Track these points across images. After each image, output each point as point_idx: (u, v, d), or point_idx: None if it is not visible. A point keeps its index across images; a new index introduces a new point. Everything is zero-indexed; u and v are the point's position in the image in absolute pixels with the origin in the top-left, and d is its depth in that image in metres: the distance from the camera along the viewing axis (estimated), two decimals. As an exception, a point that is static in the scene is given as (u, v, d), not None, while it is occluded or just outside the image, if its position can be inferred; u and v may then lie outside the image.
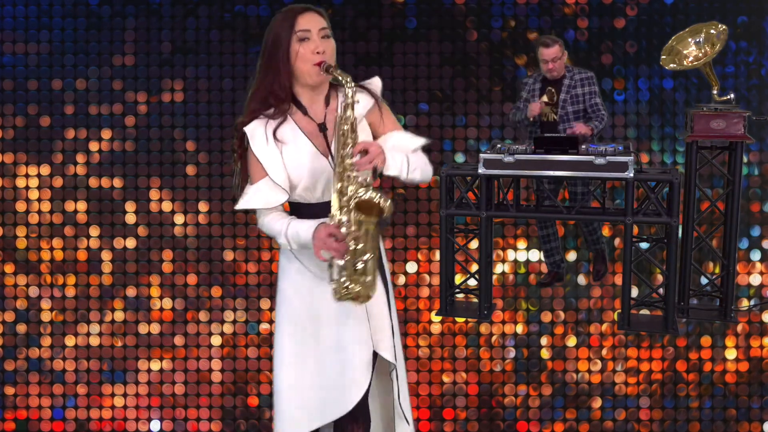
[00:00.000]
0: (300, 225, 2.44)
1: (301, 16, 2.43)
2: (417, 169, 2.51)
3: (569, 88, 4.81)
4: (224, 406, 5.03)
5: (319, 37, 2.43)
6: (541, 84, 4.88)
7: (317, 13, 2.46)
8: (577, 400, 4.97)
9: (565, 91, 4.81)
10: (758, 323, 4.98)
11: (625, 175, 4.20)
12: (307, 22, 2.43)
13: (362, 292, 2.38)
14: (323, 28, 2.45)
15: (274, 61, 2.43)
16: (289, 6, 2.48)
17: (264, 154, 2.45)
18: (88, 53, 5.17)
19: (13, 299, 5.12)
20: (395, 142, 2.54)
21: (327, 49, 2.43)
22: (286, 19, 2.43)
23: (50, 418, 5.05)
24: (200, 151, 5.17)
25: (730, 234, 4.47)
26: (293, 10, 2.45)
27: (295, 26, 2.42)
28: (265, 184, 2.48)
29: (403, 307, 5.09)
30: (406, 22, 5.22)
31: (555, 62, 4.74)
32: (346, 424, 2.60)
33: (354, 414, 2.58)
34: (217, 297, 5.12)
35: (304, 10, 2.45)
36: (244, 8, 5.19)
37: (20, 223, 5.15)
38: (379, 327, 2.55)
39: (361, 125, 2.48)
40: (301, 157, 2.46)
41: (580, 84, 4.81)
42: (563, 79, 4.83)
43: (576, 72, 4.84)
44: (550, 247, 5.04)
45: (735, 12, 5.10)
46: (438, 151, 5.21)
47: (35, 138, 5.17)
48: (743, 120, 4.31)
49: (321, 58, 2.41)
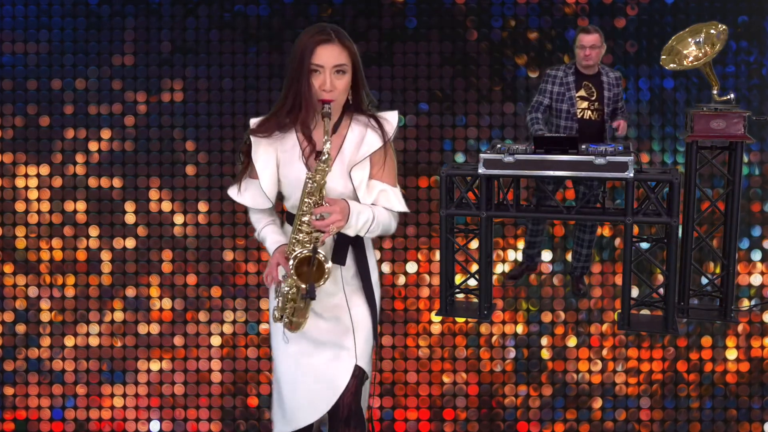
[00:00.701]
0: (269, 236, 2.67)
1: (319, 48, 2.46)
2: (377, 230, 2.58)
3: (610, 86, 4.77)
4: (224, 407, 5.06)
5: (332, 73, 2.46)
6: (575, 77, 4.78)
7: (338, 47, 2.47)
8: (578, 400, 5.00)
9: (606, 88, 4.76)
10: (759, 323, 5.01)
11: (625, 175, 4.23)
12: (322, 56, 2.45)
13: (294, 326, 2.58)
14: (339, 64, 2.47)
15: (296, 80, 2.48)
16: (317, 27, 2.50)
17: (261, 163, 2.59)
18: (87, 53, 5.21)
19: (13, 299, 5.15)
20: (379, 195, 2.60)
21: (338, 85, 2.48)
22: (308, 45, 2.46)
23: (50, 418, 5.07)
24: (200, 151, 5.20)
25: (730, 234, 4.50)
26: (316, 39, 2.46)
27: (312, 57, 2.45)
28: (256, 187, 2.64)
29: (403, 307, 5.12)
30: (406, 22, 5.25)
31: (593, 49, 4.69)
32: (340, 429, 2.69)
33: (347, 419, 2.68)
34: (216, 297, 5.15)
35: (325, 41, 2.46)
36: (244, 8, 5.23)
37: (20, 223, 5.18)
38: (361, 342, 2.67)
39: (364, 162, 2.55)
40: (292, 176, 2.58)
41: (615, 83, 4.79)
42: (600, 76, 4.78)
43: (609, 70, 4.82)
44: (536, 241, 5.04)
45: (735, 12, 5.14)
46: (438, 151, 5.25)
47: (35, 138, 5.20)
48: (743, 120, 4.33)
49: (327, 96, 2.46)
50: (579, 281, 5.08)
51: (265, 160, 2.60)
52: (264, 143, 2.59)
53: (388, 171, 2.63)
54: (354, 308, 2.67)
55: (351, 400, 2.67)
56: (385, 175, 2.62)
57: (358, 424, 2.72)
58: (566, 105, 4.77)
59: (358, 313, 2.68)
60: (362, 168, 2.56)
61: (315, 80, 2.47)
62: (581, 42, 4.72)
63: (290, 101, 2.50)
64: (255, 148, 2.59)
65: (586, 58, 4.71)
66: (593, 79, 4.78)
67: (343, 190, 2.57)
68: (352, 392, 2.66)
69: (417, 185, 5.22)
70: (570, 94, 4.76)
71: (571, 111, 4.76)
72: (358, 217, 2.51)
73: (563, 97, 4.78)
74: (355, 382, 2.66)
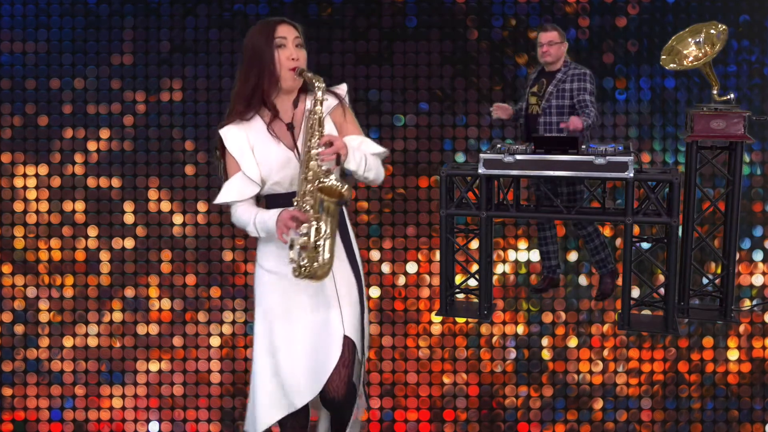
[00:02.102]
0: (266, 213, 2.79)
1: (279, 26, 2.79)
2: (372, 170, 2.84)
3: (559, 82, 4.83)
4: (223, 407, 5.10)
5: (294, 46, 2.78)
6: (537, 75, 4.94)
7: (291, 25, 2.81)
8: (579, 401, 5.04)
9: (553, 84, 4.84)
10: (760, 324, 5.05)
11: (625, 175, 4.29)
12: (284, 31, 2.78)
13: (319, 272, 2.68)
14: (297, 38, 2.80)
15: (256, 67, 2.76)
16: (265, 19, 2.84)
17: (237, 151, 2.80)
18: (86, 52, 5.27)
19: (11, 300, 5.20)
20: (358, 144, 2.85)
21: (300, 56, 2.79)
22: (264, 29, 2.79)
23: (48, 419, 5.11)
24: (199, 151, 5.27)
25: (730, 234, 4.55)
26: (271, 22, 2.81)
27: (274, 34, 2.76)
28: (238, 179, 2.81)
29: (403, 308, 5.18)
30: (406, 21, 5.32)
31: (551, 46, 4.79)
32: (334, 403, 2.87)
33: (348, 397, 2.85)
34: (216, 297, 5.20)
35: (281, 22, 2.80)
36: (244, 7, 5.29)
37: (18, 223, 5.24)
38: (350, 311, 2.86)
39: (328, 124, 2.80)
40: (270, 154, 2.80)
41: (570, 79, 4.83)
42: (557, 73, 4.87)
43: (573, 67, 4.87)
44: (546, 250, 5.12)
45: (737, 11, 5.20)
46: (438, 150, 5.31)
47: (33, 137, 5.26)
48: (743, 120, 4.39)
49: (295, 64, 2.77)
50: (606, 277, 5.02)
51: (240, 147, 2.80)
52: (232, 133, 2.81)
53: (354, 125, 2.92)
54: (339, 278, 2.84)
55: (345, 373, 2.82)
56: (353, 128, 2.91)
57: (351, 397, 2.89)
58: (523, 101, 4.97)
59: (343, 283, 2.86)
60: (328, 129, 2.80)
61: (282, 53, 2.76)
62: (539, 39, 4.85)
63: (252, 81, 2.76)
64: (225, 141, 2.80)
65: (544, 54, 4.84)
66: (550, 75, 4.88)
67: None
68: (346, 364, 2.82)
69: (417, 185, 5.28)
70: (526, 91, 4.93)
71: (522, 107, 4.93)
72: (354, 152, 2.76)
73: (523, 93, 4.99)
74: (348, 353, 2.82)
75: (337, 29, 5.33)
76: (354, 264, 2.91)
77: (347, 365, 2.83)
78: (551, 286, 5.17)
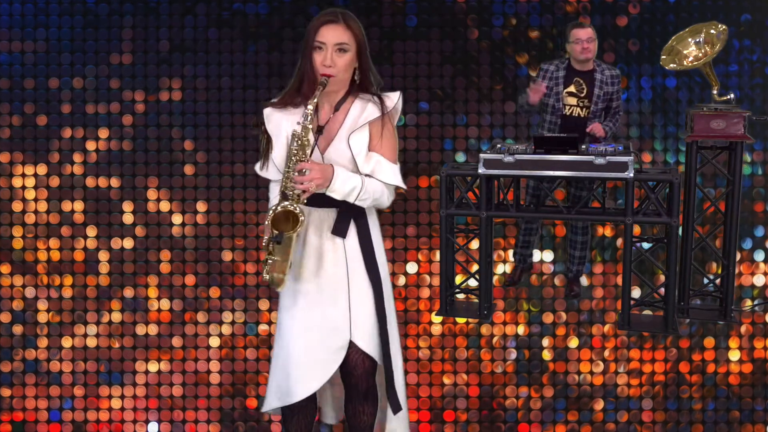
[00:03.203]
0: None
1: (324, 27, 2.79)
2: (368, 200, 2.84)
3: (602, 84, 4.83)
4: (223, 408, 5.12)
5: (334, 50, 2.76)
6: (566, 72, 4.88)
7: (341, 26, 2.78)
8: (579, 401, 5.07)
9: (598, 86, 4.83)
10: (762, 324, 5.09)
11: (625, 175, 4.35)
12: (326, 34, 2.77)
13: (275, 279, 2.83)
14: (340, 42, 2.77)
15: (302, 57, 2.80)
16: (328, 10, 2.83)
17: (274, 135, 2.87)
18: (85, 52, 5.31)
19: (10, 300, 5.23)
20: (375, 166, 2.85)
21: (338, 62, 2.77)
22: (312, 27, 2.80)
23: (47, 420, 5.13)
24: (198, 151, 5.31)
25: (730, 234, 4.61)
26: (320, 20, 2.81)
27: (316, 35, 2.78)
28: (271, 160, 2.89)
29: (404, 308, 5.20)
30: (406, 21, 5.36)
31: (590, 42, 4.78)
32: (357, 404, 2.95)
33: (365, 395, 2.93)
34: (215, 298, 5.23)
35: (330, 22, 2.79)
36: (243, 6, 5.33)
37: (17, 223, 5.27)
38: (361, 321, 2.88)
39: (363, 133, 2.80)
40: None
41: (610, 81, 4.86)
42: (593, 73, 4.87)
43: (606, 67, 4.89)
44: (529, 240, 5.16)
45: (738, 10, 5.25)
46: (438, 150, 5.36)
47: (32, 137, 5.30)
48: (743, 120, 4.45)
49: (327, 70, 2.74)
50: (574, 283, 5.18)
51: (277, 131, 2.85)
52: (276, 116, 2.86)
53: (387, 144, 2.87)
54: (354, 285, 2.88)
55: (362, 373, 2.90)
56: (384, 148, 2.86)
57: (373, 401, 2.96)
58: (552, 100, 4.88)
59: (358, 290, 2.88)
60: (361, 136, 2.81)
61: (317, 56, 2.76)
62: (577, 36, 4.80)
63: (298, 78, 2.82)
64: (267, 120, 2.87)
65: (585, 51, 4.80)
66: (586, 75, 4.87)
67: (343, 157, 2.81)
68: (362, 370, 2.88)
69: (417, 185, 5.32)
70: (557, 90, 4.87)
71: (556, 106, 4.87)
72: (344, 182, 2.77)
73: (550, 92, 4.87)
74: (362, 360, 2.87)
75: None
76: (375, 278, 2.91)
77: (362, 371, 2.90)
78: (525, 272, 5.24)
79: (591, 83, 4.86)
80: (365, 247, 2.90)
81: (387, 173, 2.86)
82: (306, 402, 2.98)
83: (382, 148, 2.86)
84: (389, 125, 2.88)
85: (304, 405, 2.99)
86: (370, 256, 2.91)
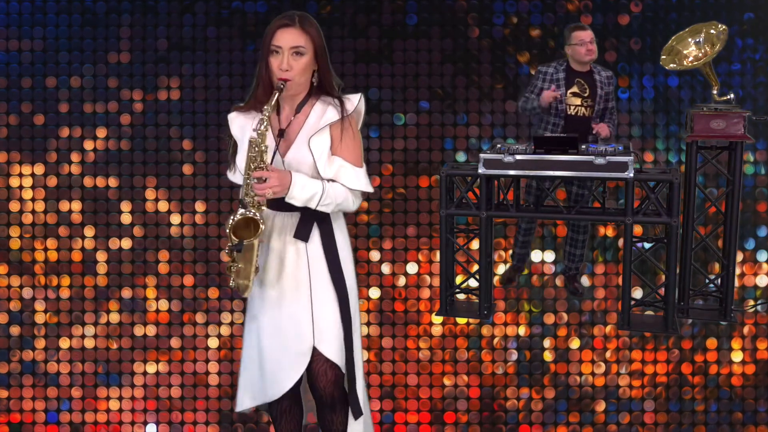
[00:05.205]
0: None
1: (279, 31, 2.84)
2: (330, 205, 2.86)
3: (602, 84, 4.97)
4: (221, 410, 5.18)
5: (289, 54, 2.82)
6: (566, 74, 5.00)
7: (297, 30, 2.84)
8: (581, 403, 5.13)
9: (599, 86, 4.96)
10: (765, 325, 5.17)
11: (625, 175, 4.45)
12: (281, 38, 2.83)
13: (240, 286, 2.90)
14: (296, 46, 2.83)
15: (260, 64, 2.89)
16: (285, 13, 2.90)
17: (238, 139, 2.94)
18: (82, 50, 5.41)
19: (7, 300, 5.31)
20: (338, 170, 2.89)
21: (294, 66, 2.83)
22: (268, 31, 2.86)
23: (44, 421, 5.19)
24: (197, 150, 5.40)
25: (730, 234, 4.70)
26: (276, 23, 2.87)
27: (272, 39, 2.84)
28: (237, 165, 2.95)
29: (404, 309, 5.29)
30: (406, 19, 5.45)
31: (593, 44, 4.90)
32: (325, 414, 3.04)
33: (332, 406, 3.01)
34: (213, 298, 5.31)
35: (285, 26, 2.85)
36: (242, 4, 5.43)
37: (14, 224, 5.36)
38: (324, 326, 2.95)
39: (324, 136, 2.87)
40: None
41: (607, 82, 5.00)
42: (592, 74, 5.00)
43: (600, 69, 5.02)
44: (528, 240, 5.27)
45: (741, 9, 5.34)
46: (439, 150, 5.45)
47: (29, 137, 5.40)
48: (743, 120, 4.53)
49: (283, 74, 2.82)
50: (574, 281, 5.29)
51: (241, 135, 2.93)
52: (240, 119, 2.95)
53: (349, 147, 2.90)
54: (316, 289, 2.93)
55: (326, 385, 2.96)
56: (345, 151, 2.90)
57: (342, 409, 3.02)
58: (555, 101, 4.98)
59: (321, 294, 2.94)
60: (321, 139, 2.86)
61: (274, 61, 2.82)
62: (581, 38, 4.92)
63: (256, 83, 2.89)
64: (232, 124, 2.96)
65: (589, 52, 4.92)
66: (586, 76, 4.99)
67: (304, 160, 2.87)
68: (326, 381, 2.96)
69: (417, 185, 5.41)
70: (560, 91, 4.97)
71: (560, 108, 4.97)
72: (303, 189, 2.80)
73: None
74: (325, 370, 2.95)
75: (337, 27, 5.44)
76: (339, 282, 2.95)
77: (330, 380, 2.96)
78: (518, 272, 5.35)
79: (592, 83, 4.99)
80: (329, 251, 2.93)
81: (350, 178, 2.89)
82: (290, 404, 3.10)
83: (343, 151, 2.88)
84: (350, 128, 2.90)
85: (288, 407, 3.11)
86: (334, 260, 2.94)
